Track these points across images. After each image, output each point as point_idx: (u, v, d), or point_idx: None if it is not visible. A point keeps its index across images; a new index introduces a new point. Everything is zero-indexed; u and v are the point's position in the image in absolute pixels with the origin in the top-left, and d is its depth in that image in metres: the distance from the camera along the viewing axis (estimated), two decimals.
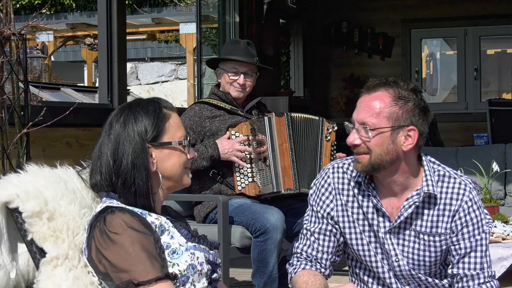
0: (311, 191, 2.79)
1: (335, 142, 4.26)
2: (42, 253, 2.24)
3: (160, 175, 2.32)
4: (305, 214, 2.81)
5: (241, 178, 4.13)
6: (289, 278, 2.77)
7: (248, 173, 4.13)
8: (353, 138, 2.60)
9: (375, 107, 2.56)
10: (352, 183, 2.70)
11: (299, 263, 2.74)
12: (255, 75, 4.32)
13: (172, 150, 2.33)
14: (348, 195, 2.71)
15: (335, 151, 4.25)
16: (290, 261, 2.79)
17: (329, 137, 4.23)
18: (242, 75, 4.24)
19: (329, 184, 2.74)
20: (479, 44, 10.21)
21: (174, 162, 2.34)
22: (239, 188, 4.12)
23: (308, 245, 2.74)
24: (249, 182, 4.13)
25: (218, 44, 9.47)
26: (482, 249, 2.64)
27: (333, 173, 2.75)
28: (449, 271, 2.66)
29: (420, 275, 2.68)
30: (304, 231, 2.77)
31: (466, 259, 2.63)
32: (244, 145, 4.12)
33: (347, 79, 10.57)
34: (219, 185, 4.15)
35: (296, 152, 4.15)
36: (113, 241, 2.14)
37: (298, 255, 2.76)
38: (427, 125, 2.62)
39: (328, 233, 2.73)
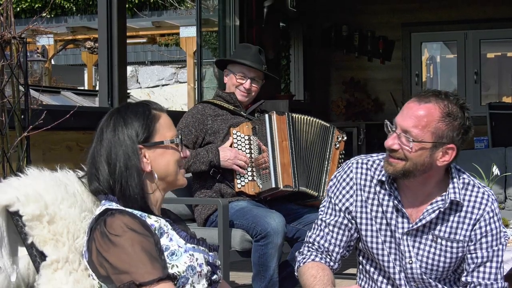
0: (331, 183, 2.77)
1: (344, 152, 4.28)
2: (43, 256, 2.24)
3: (155, 175, 2.32)
4: (321, 205, 2.78)
5: (241, 177, 4.15)
6: (296, 266, 2.75)
7: (248, 171, 4.14)
8: (392, 143, 2.57)
9: (422, 119, 2.53)
10: (374, 181, 2.70)
11: (309, 253, 2.73)
12: (261, 82, 4.35)
13: (165, 149, 2.34)
14: (369, 192, 2.70)
15: (342, 160, 4.26)
16: (300, 250, 2.77)
17: (338, 145, 4.27)
18: (249, 80, 4.27)
19: (351, 179, 2.73)
20: (479, 47, 10.21)
21: (168, 161, 2.35)
22: (239, 186, 4.13)
23: (321, 236, 2.73)
24: (248, 180, 4.14)
25: (218, 47, 9.48)
26: (498, 260, 2.64)
27: (356, 168, 2.73)
28: (463, 279, 2.66)
29: (430, 280, 2.68)
30: (319, 222, 2.75)
31: (482, 269, 2.64)
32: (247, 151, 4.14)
33: (347, 82, 10.57)
34: (219, 184, 4.16)
35: (296, 151, 4.16)
36: (114, 243, 2.15)
37: (310, 244, 2.75)
38: (465, 143, 2.62)
39: (343, 227, 2.71)
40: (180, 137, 2.39)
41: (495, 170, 4.62)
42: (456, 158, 2.61)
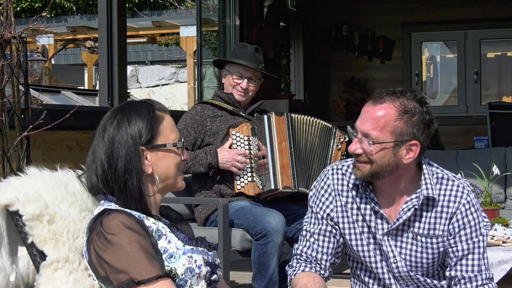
0: (311, 193, 2.80)
1: (345, 152, 4.28)
2: (43, 256, 2.23)
3: (156, 177, 2.32)
4: (305, 216, 2.82)
5: (240, 178, 4.14)
6: (288, 280, 2.77)
7: (247, 172, 4.14)
8: (355, 148, 2.60)
9: (379, 120, 2.55)
10: (350, 185, 2.72)
11: (298, 264, 2.75)
12: (259, 81, 4.33)
13: (167, 152, 2.33)
14: (347, 197, 2.72)
15: None
16: (290, 263, 2.79)
17: (340, 146, 4.26)
18: (245, 80, 4.26)
19: (328, 186, 2.75)
20: (479, 47, 10.21)
21: (169, 164, 2.34)
22: (238, 187, 4.13)
23: (308, 246, 2.75)
24: (248, 181, 4.14)
25: (219, 47, 9.47)
26: (480, 251, 2.64)
27: (332, 174, 2.75)
28: (447, 273, 2.67)
29: (418, 276, 2.69)
30: (304, 233, 2.77)
31: (464, 261, 2.64)
32: (245, 156, 4.13)
33: (348, 82, 10.56)
34: (219, 185, 4.16)
35: (295, 152, 4.15)
36: (111, 242, 2.14)
37: (298, 256, 2.76)
38: (430, 137, 2.62)
39: (328, 233, 2.73)
40: (182, 140, 2.38)
41: (495, 170, 4.62)
42: (422, 154, 2.61)
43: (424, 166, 2.66)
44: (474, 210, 2.65)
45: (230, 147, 4.15)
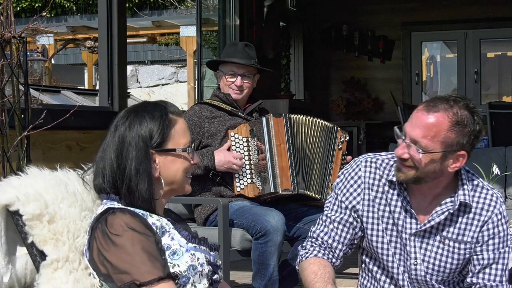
0: (337, 179, 2.76)
1: (346, 152, 4.26)
2: (43, 256, 2.24)
3: (162, 181, 2.32)
4: (327, 201, 2.78)
5: (240, 179, 4.13)
6: (298, 260, 2.74)
7: (247, 174, 4.13)
8: (402, 152, 2.56)
9: (431, 129, 2.51)
10: (383, 180, 2.69)
11: (312, 248, 2.72)
12: (254, 77, 4.30)
13: (176, 157, 2.33)
14: (377, 191, 2.69)
15: (344, 160, 4.25)
16: (303, 244, 2.76)
17: (341, 146, 4.24)
18: (239, 77, 4.24)
19: (359, 177, 2.72)
20: (479, 47, 10.21)
21: (178, 169, 2.34)
22: (238, 189, 4.12)
23: (325, 232, 2.72)
24: (248, 183, 4.13)
25: (219, 47, 9.48)
26: (504, 262, 2.66)
27: (365, 166, 2.72)
28: (468, 279, 2.68)
29: (433, 282, 2.68)
30: (324, 217, 2.74)
31: (487, 270, 2.65)
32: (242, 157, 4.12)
33: (348, 82, 10.57)
34: (219, 187, 4.15)
35: (295, 153, 4.14)
36: (114, 242, 2.15)
37: (313, 240, 2.74)
38: (475, 147, 2.59)
39: (348, 224, 2.71)
40: (193, 145, 2.37)
41: (495, 170, 4.62)
42: (466, 162, 2.60)
43: (462, 172, 2.66)
44: (504, 222, 2.67)
45: (228, 149, 4.13)
